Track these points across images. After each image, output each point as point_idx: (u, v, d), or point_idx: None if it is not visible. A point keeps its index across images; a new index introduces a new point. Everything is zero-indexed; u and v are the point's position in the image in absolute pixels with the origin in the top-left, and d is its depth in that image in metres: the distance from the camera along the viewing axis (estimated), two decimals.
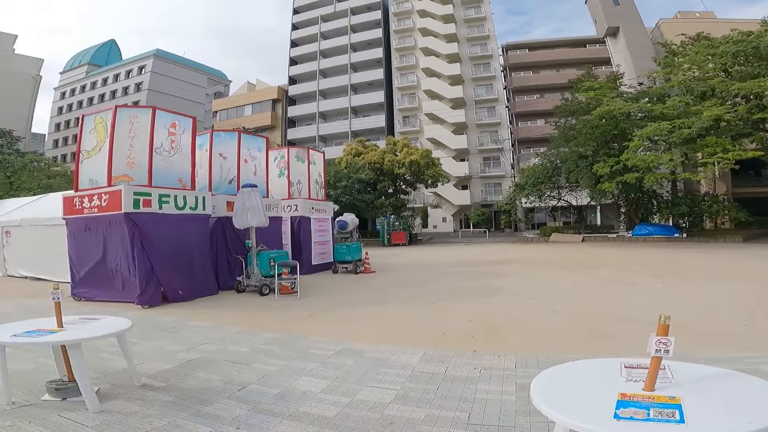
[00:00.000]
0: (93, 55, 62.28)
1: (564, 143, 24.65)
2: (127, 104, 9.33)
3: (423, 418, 3.01)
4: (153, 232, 8.06)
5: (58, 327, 3.45)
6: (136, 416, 3.10)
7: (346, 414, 3.12)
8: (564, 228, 28.00)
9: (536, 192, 25.21)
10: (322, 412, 3.16)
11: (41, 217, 12.38)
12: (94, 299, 8.31)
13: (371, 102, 43.62)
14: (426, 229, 36.05)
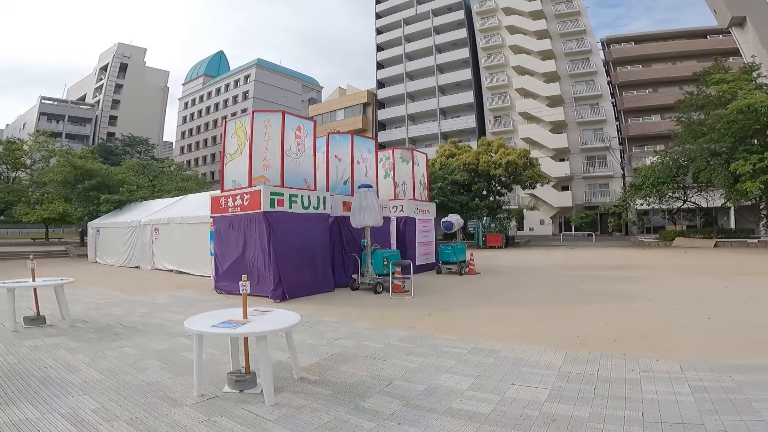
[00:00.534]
0: (206, 66, 68.80)
1: (691, 140, 22.04)
2: (261, 109, 9.96)
3: (588, 416, 3.00)
4: (284, 230, 8.65)
5: (244, 318, 3.65)
6: (305, 410, 3.24)
7: (502, 411, 3.17)
8: (690, 232, 24.92)
9: (656, 193, 22.74)
10: (476, 409, 3.21)
11: (185, 216, 13.89)
12: (233, 292, 8.93)
13: (460, 103, 43.03)
14: (521, 231, 34.51)
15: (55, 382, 3.73)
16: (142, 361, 4.42)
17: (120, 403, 3.32)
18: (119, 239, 16.85)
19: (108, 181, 20.23)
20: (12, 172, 26.38)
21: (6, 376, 3.88)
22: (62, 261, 18.90)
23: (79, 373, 3.99)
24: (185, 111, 66.26)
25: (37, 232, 31.37)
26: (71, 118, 51.73)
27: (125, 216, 17.88)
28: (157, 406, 3.29)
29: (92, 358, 4.52)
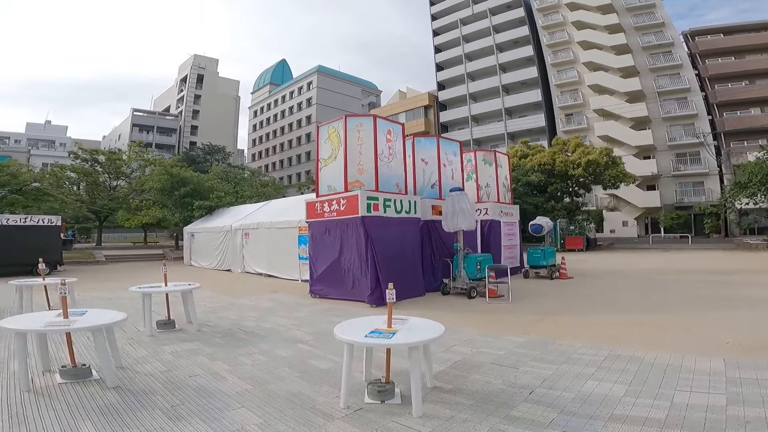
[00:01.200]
0: (271, 75, 71.63)
1: None
2: (354, 113, 10.10)
3: None
4: (381, 235, 8.69)
5: (389, 327, 3.62)
6: (455, 421, 3.17)
7: (679, 415, 3.08)
8: None
9: (765, 191, 20.33)
10: (646, 415, 3.12)
11: (273, 221, 14.45)
12: (327, 297, 9.27)
13: (526, 102, 41.62)
14: (601, 233, 32.48)
15: (210, 393, 3.80)
16: (276, 369, 4.49)
17: (278, 417, 3.32)
18: (212, 243, 18.03)
19: (199, 188, 21.80)
20: (113, 180, 29.23)
21: (165, 386, 3.99)
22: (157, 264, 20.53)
23: (226, 382, 4.07)
24: (255, 119, 69.91)
25: (133, 236, 34.51)
26: (159, 128, 56.76)
27: (216, 221, 19.14)
28: (311, 420, 3.28)
29: (231, 365, 4.63)
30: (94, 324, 3.99)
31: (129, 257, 21.85)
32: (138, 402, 3.55)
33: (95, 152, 28.67)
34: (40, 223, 15.53)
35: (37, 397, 3.66)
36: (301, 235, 12.84)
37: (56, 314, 4.17)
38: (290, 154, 61.41)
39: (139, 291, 6.20)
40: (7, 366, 4.53)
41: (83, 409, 3.40)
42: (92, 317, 4.23)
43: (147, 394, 3.72)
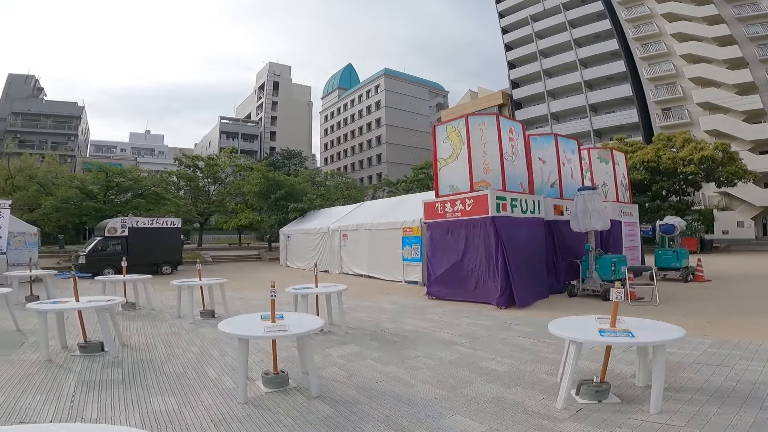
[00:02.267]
0: (339, 79, 73.34)
1: None
2: (474, 113, 9.91)
3: None
4: (510, 235, 8.50)
5: (612, 326, 3.51)
6: (704, 415, 3.11)
7: None
8: None
9: None
10: None
11: (373, 222, 14.61)
12: (445, 298, 9.18)
13: (614, 97, 39.11)
14: (711, 234, 29.42)
15: (411, 400, 3.72)
16: (455, 372, 4.42)
17: (500, 422, 3.24)
18: (308, 244, 18.72)
19: (293, 191, 22.86)
20: (211, 185, 31.60)
21: (362, 393, 3.88)
22: (259, 264, 21.69)
23: (416, 388, 4.00)
24: (326, 123, 72.22)
25: (226, 238, 36.85)
26: (243, 135, 60.69)
27: (310, 223, 19.90)
28: (537, 423, 3.19)
29: (405, 368, 4.58)
30: (305, 330, 3.79)
31: (230, 258, 23.44)
32: (352, 413, 3.46)
33: (196, 158, 31.23)
34: (165, 225, 17.09)
35: (253, 409, 3.50)
36: (405, 237, 12.91)
37: (260, 318, 4.14)
38: (361, 157, 62.66)
39: (295, 292, 6.49)
40: (220, 379, 4.27)
41: (307, 422, 3.28)
42: (295, 323, 4.02)
43: (353, 404, 3.63)
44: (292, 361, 4.61)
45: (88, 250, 15.26)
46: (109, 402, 3.59)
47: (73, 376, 4.25)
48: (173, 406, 3.46)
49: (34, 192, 22.19)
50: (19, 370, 4.38)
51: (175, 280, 7.76)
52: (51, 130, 44.83)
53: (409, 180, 32.91)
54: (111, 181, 20.35)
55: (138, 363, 4.72)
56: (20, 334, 6.10)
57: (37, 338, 4.96)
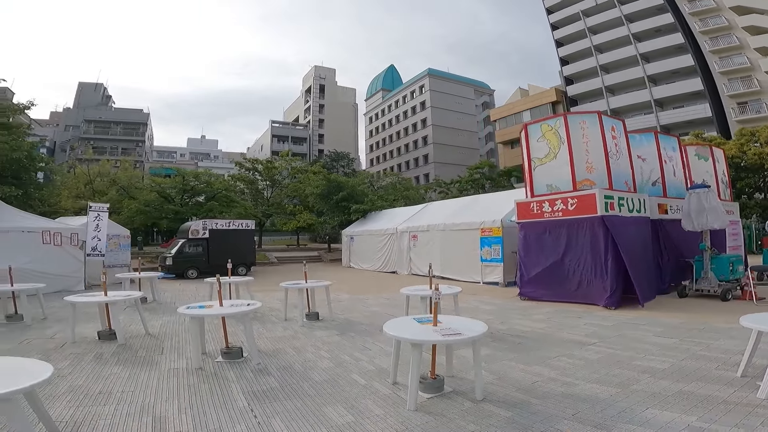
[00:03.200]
0: (382, 81, 73.24)
1: None
2: (574, 111, 9.63)
3: None
4: (619, 235, 8.22)
5: None
6: None
7: None
8: None
9: None
10: None
11: (448, 223, 14.50)
12: (541, 299, 8.99)
13: (681, 92, 37.12)
14: None
15: (585, 399, 3.63)
16: (611, 371, 4.37)
17: (706, 412, 3.25)
18: (373, 245, 18.86)
19: (353, 193, 23.13)
20: (270, 188, 32.58)
21: (531, 395, 3.77)
22: (322, 266, 22.01)
23: (578, 387, 3.94)
24: (370, 125, 72.70)
25: (282, 239, 37.78)
26: (293, 138, 62.35)
27: (373, 224, 20.04)
28: (751, 410, 3.22)
29: (552, 369, 4.52)
30: (478, 333, 3.67)
31: (293, 259, 24.03)
32: (532, 413, 3.39)
33: (256, 161, 32.33)
34: (240, 227, 17.76)
35: (427, 416, 3.39)
36: (483, 237, 12.79)
37: (416, 321, 4.06)
38: (408, 158, 62.59)
39: (414, 294, 6.55)
40: (372, 385, 4.16)
41: (492, 425, 3.20)
42: (461, 326, 3.91)
43: (526, 405, 3.56)
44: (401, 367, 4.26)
45: (174, 251, 16.09)
46: (288, 415, 3.45)
47: (235, 386, 4.15)
48: (350, 418, 3.39)
49: (116, 195, 23.78)
50: (179, 380, 4.32)
51: (284, 282, 7.95)
52: (121, 137, 47.98)
53: (464, 180, 32.50)
54: (187, 185, 21.41)
55: (282, 370, 4.69)
56: (153, 338, 6.25)
57: (192, 344, 4.89)
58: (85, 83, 51.64)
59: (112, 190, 24.76)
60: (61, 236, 12.14)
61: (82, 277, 12.49)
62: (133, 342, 6.01)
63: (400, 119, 65.58)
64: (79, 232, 12.57)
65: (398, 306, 8.02)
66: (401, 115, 65.60)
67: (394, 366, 4.15)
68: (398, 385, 4.08)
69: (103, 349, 5.61)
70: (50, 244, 11.91)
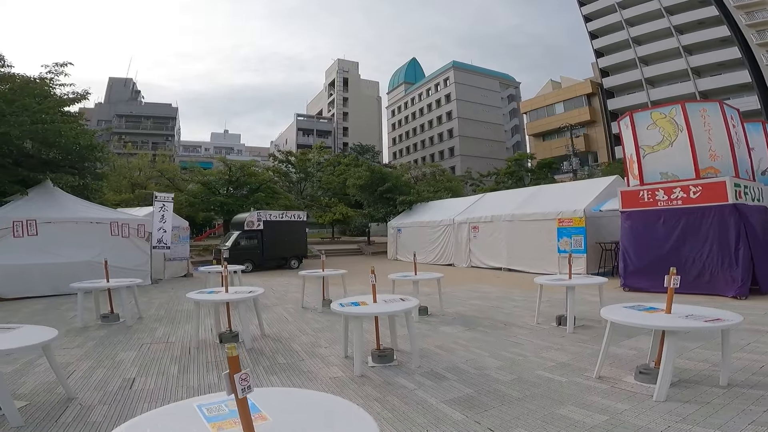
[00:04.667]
0: (404, 74, 72.40)
1: None
2: (692, 100, 9.10)
3: None
4: (749, 223, 7.74)
5: None
6: None
7: None
8: None
9: None
10: None
11: (516, 213, 14.03)
12: (648, 290, 8.40)
13: (728, 84, 35.71)
14: None
15: None
16: None
17: None
18: (425, 237, 18.34)
19: (398, 184, 22.62)
20: (303, 180, 32.28)
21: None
22: (366, 259, 21.62)
23: None
24: (393, 118, 72.00)
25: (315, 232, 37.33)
26: (318, 131, 62.18)
27: (423, 215, 19.51)
28: None
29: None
30: None
31: (334, 252, 23.68)
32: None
33: (289, 153, 32.07)
34: (293, 219, 17.41)
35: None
36: (561, 228, 12.37)
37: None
38: (432, 151, 61.89)
39: (551, 283, 6.13)
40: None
41: None
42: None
43: None
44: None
45: (231, 243, 15.81)
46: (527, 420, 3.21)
47: (424, 394, 3.64)
48: (602, 418, 3.06)
49: (155, 188, 23.69)
50: (352, 392, 3.79)
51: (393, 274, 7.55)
52: (151, 131, 48.23)
53: (502, 172, 31.82)
54: (233, 176, 21.18)
55: (453, 371, 4.38)
56: (276, 341, 5.71)
57: (354, 346, 4.27)
58: (115, 78, 51.97)
59: (151, 183, 24.74)
60: (128, 227, 11.85)
61: (148, 270, 12.21)
62: (261, 346, 5.43)
63: (424, 112, 64.86)
64: (145, 224, 12.30)
65: (493, 298, 7.51)
66: (425, 108, 64.88)
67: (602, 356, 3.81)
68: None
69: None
70: (118, 235, 11.61)
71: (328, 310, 7.57)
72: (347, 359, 4.67)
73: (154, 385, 4.04)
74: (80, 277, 10.34)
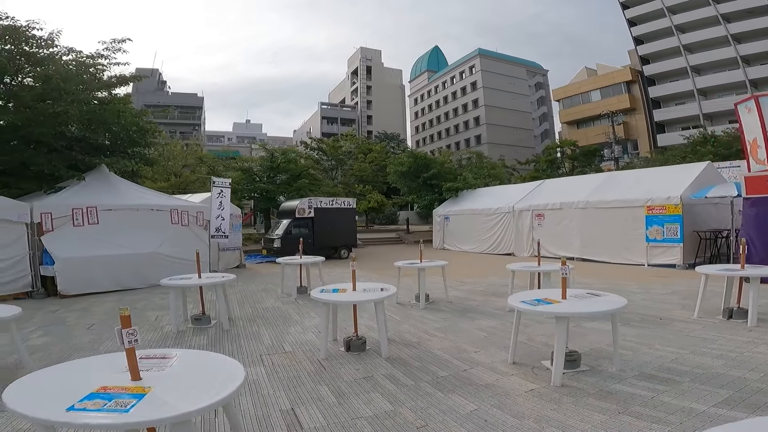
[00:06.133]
0: (427, 62, 70.91)
1: None
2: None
3: None
4: None
5: None
6: None
7: None
8: None
9: None
10: None
11: (592, 200, 13.14)
12: None
13: None
14: None
15: None
16: None
17: None
18: (478, 226, 17.45)
19: (442, 171, 21.67)
20: (333, 168, 31.48)
21: None
22: (406, 248, 20.83)
23: None
24: (416, 107, 70.66)
25: None
26: (342, 120, 61.40)
27: (473, 203, 18.61)
28: None
29: None
30: None
31: (373, 241, 22.95)
32: None
33: (320, 141, 31.31)
34: (343, 206, 16.64)
35: None
36: (650, 215, 11.56)
37: None
38: (457, 139, 60.69)
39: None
40: None
41: None
42: None
43: None
44: None
45: (282, 232, 15.13)
46: None
47: None
48: None
49: (190, 175, 23.19)
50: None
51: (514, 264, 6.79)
52: (178, 121, 47.89)
53: (542, 160, 30.62)
54: (275, 162, 20.50)
55: None
56: (412, 347, 5.04)
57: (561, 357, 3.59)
58: (142, 69, 51.70)
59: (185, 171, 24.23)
60: (188, 215, 11.18)
61: (207, 262, 11.53)
62: (398, 353, 4.55)
63: (448, 100, 63.56)
64: (204, 211, 11.65)
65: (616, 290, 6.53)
66: (449, 96, 63.58)
67: None
68: None
69: (385, 369, 4.08)
70: (178, 224, 10.91)
71: (428, 305, 7.07)
72: (515, 365, 3.96)
73: (323, 420, 3.04)
74: (143, 270, 9.65)
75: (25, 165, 9.86)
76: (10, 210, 8.48)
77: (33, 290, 8.66)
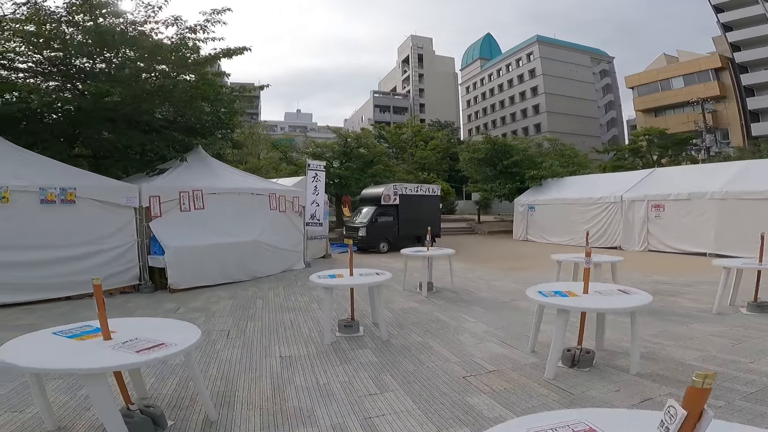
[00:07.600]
0: (479, 49, 68.14)
1: None
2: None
3: None
4: None
5: None
6: None
7: None
8: None
9: None
10: None
11: (734, 190, 11.56)
12: None
13: None
14: None
15: None
16: None
17: None
18: (571, 216, 15.98)
19: (525, 158, 20.19)
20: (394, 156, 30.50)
21: None
22: (483, 239, 19.58)
23: None
24: (468, 95, 68.41)
25: None
26: (394, 108, 60.51)
27: (563, 192, 17.15)
28: None
29: None
30: None
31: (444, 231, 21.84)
32: None
33: (381, 128, 30.46)
34: (428, 193, 15.64)
35: None
36: None
37: None
38: (514, 127, 58.20)
39: None
40: None
41: None
42: None
43: None
44: None
45: (367, 220, 14.34)
46: None
47: None
48: None
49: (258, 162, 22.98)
50: None
51: None
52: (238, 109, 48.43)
53: (626, 149, 28.30)
54: (348, 147, 19.77)
55: None
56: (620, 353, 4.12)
57: None
58: None
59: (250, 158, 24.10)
60: (285, 200, 10.46)
61: (301, 252, 10.87)
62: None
63: (504, 88, 61.12)
64: (299, 196, 10.95)
65: None
66: (505, 84, 61.13)
67: None
68: None
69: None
70: (276, 210, 10.15)
71: None
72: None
73: None
74: (246, 260, 8.83)
75: (125, 147, 9.38)
76: (118, 193, 7.72)
77: (140, 283, 7.84)
